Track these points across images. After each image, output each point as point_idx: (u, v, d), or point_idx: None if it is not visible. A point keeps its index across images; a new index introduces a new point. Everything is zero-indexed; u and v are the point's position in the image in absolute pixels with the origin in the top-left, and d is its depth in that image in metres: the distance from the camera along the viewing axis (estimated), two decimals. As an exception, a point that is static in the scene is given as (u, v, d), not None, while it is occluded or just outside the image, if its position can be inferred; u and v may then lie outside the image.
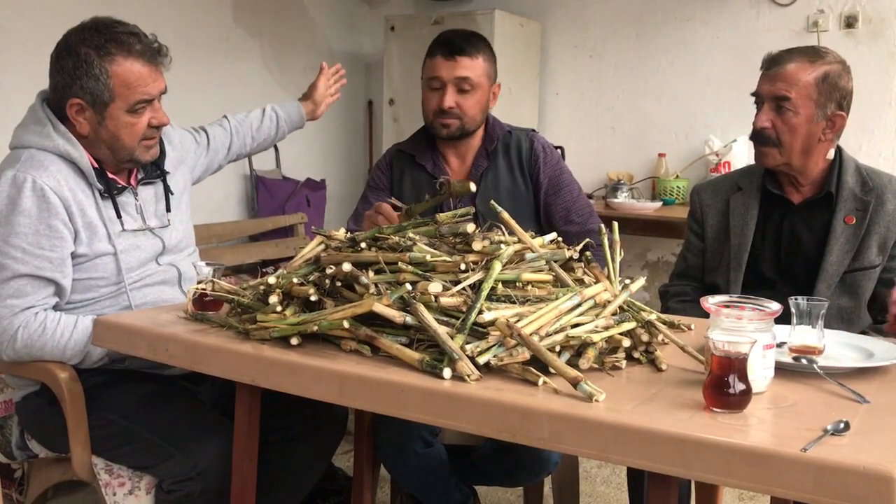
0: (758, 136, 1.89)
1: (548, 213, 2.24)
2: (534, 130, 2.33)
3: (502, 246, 1.43)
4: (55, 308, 1.75)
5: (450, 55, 2.17)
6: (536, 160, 2.25)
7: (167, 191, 1.96)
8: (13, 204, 1.70)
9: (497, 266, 1.37)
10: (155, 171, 1.94)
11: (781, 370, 1.32)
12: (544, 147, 2.28)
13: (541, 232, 2.12)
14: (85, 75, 1.73)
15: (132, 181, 1.90)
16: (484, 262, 1.40)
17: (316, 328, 1.39)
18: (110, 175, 1.84)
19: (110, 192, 1.82)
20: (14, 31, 3.05)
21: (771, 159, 1.90)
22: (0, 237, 1.70)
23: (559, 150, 3.83)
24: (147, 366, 1.80)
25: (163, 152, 1.97)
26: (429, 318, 1.31)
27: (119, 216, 1.83)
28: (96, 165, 1.81)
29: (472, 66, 2.17)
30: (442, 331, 1.30)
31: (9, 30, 3.05)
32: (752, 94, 1.93)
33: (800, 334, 1.40)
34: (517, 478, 2.15)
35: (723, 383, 1.15)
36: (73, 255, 1.76)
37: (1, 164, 1.79)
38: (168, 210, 1.95)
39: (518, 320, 1.29)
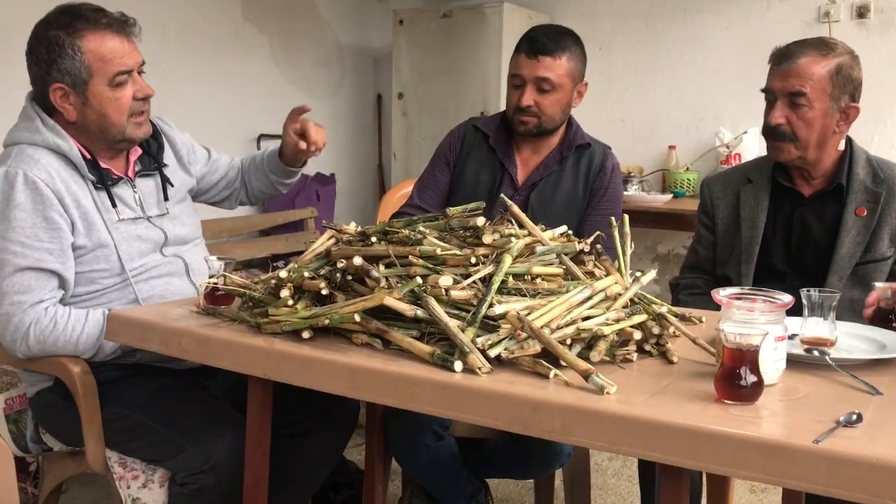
0: (773, 132, 1.88)
1: (586, 218, 2.23)
2: (609, 147, 2.32)
3: (513, 239, 1.43)
4: (61, 302, 1.76)
5: (532, 54, 2.15)
6: (602, 176, 2.24)
7: (164, 181, 1.96)
8: (7, 199, 1.70)
9: (508, 259, 1.37)
10: (152, 163, 1.95)
11: (793, 362, 1.32)
12: (614, 167, 2.27)
13: (578, 236, 2.14)
14: (59, 58, 1.73)
15: (130, 173, 1.90)
16: (494, 256, 1.40)
17: (327, 322, 1.40)
18: (104, 165, 1.84)
19: (104, 182, 1.82)
20: (19, 31, 3.06)
21: (786, 154, 1.89)
22: None
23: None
24: (159, 359, 1.81)
25: (161, 146, 1.98)
26: (439, 311, 1.31)
27: (114, 205, 1.83)
28: (88, 156, 1.81)
29: (553, 67, 2.15)
30: (453, 324, 1.30)
31: (13, 29, 3.05)
32: (763, 90, 1.92)
33: (811, 326, 1.39)
34: (528, 470, 2.16)
35: (734, 375, 1.15)
36: (74, 248, 1.76)
37: None
38: (166, 199, 1.95)
39: (529, 313, 1.29)
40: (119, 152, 1.89)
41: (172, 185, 1.98)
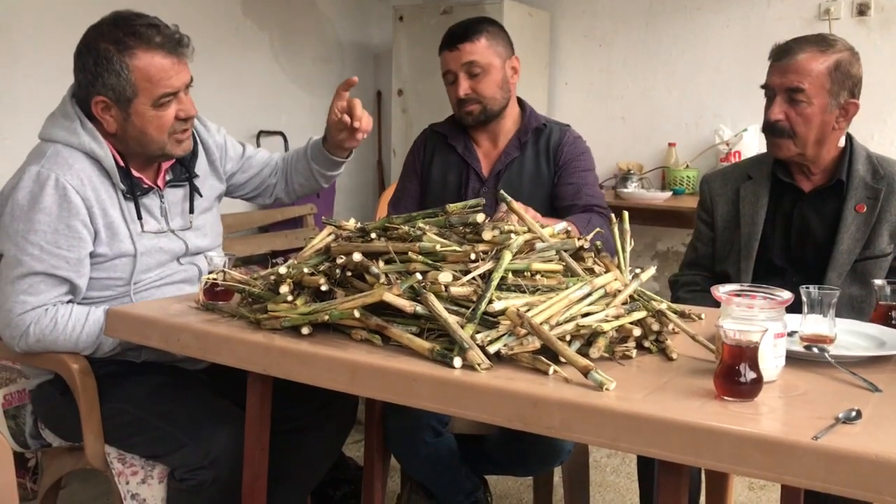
0: (772, 129, 1.88)
1: (559, 190, 2.24)
2: (568, 125, 2.34)
3: (512, 236, 1.43)
4: (68, 303, 1.76)
5: (451, 45, 2.21)
6: (563, 147, 2.26)
7: (193, 192, 1.93)
8: (35, 200, 1.69)
9: (507, 256, 1.37)
10: (183, 173, 1.92)
11: (792, 359, 1.32)
12: (576, 139, 2.29)
13: (551, 213, 2.14)
14: (105, 72, 1.71)
15: (159, 183, 1.88)
16: (494, 252, 1.40)
17: (327, 318, 1.40)
18: (135, 174, 1.82)
19: (133, 192, 1.80)
20: (24, 24, 3.06)
21: (785, 150, 1.89)
22: (19, 232, 1.70)
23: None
24: (167, 359, 1.81)
25: (195, 153, 1.95)
26: (439, 307, 1.31)
27: (140, 217, 1.81)
28: (122, 164, 1.79)
29: (474, 50, 2.19)
30: (452, 320, 1.30)
31: (19, 22, 3.05)
32: (763, 87, 1.92)
33: (811, 323, 1.39)
34: (528, 467, 2.16)
35: (734, 372, 1.15)
36: (93, 255, 1.75)
37: (28, 156, 1.79)
38: (191, 211, 1.93)
39: (528, 310, 1.29)
40: (148, 169, 1.87)
41: (201, 196, 1.95)
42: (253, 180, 2.16)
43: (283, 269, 1.51)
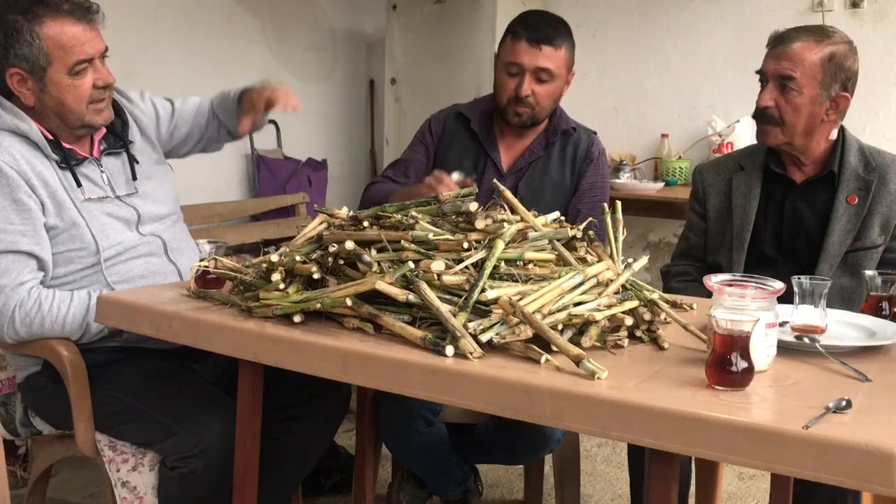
0: (761, 115, 1.89)
1: (571, 207, 2.22)
2: (595, 132, 2.30)
3: (505, 225, 1.42)
4: (43, 284, 1.75)
5: (535, 43, 2.09)
6: (589, 163, 2.22)
7: (132, 160, 1.93)
8: None
9: (500, 245, 1.37)
10: (118, 141, 1.92)
11: (784, 349, 1.32)
12: (601, 153, 2.25)
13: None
14: (17, 43, 1.70)
15: (95, 153, 1.88)
16: (487, 241, 1.40)
17: (319, 306, 1.39)
18: (67, 146, 1.82)
19: (67, 161, 1.79)
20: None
21: (773, 138, 1.89)
22: None
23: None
24: (144, 340, 1.80)
25: (126, 123, 1.95)
26: (431, 296, 1.31)
27: (79, 185, 1.80)
28: (50, 137, 1.79)
29: (554, 57, 2.11)
30: (444, 309, 1.30)
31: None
32: (757, 72, 1.92)
33: (802, 313, 1.40)
34: (518, 455, 2.17)
35: (725, 361, 1.16)
36: (47, 228, 1.74)
37: None
38: (135, 178, 1.92)
39: (521, 298, 1.30)
40: (80, 137, 1.86)
41: (139, 163, 1.95)
42: (193, 132, 2.14)
43: (274, 257, 1.51)
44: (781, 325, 1.34)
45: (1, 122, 1.75)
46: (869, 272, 1.61)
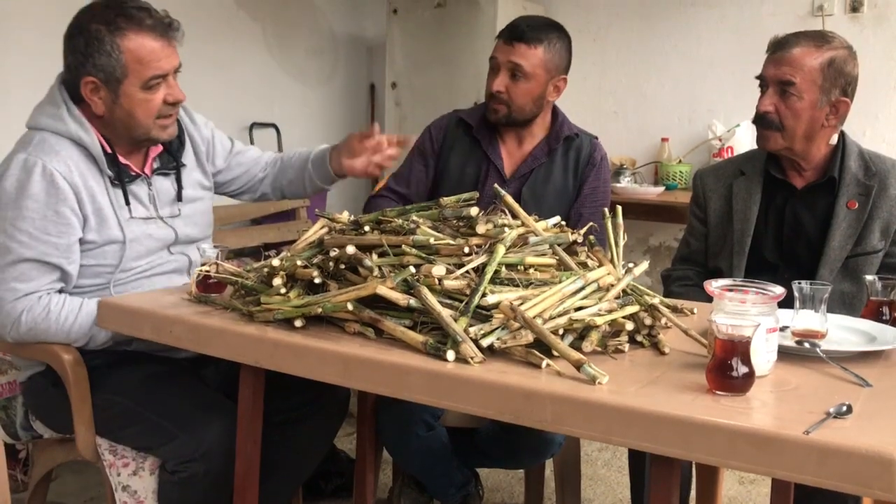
0: (761, 120, 1.89)
1: (573, 212, 2.23)
2: (596, 137, 2.31)
3: (506, 229, 1.43)
4: (60, 292, 1.75)
5: (509, 39, 2.14)
6: (591, 168, 2.23)
7: (180, 181, 1.93)
8: (22, 188, 1.69)
9: (501, 249, 1.37)
10: (171, 161, 1.92)
11: (784, 354, 1.32)
12: (603, 158, 2.27)
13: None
14: (96, 52, 1.71)
15: (147, 170, 1.88)
16: (487, 246, 1.40)
17: (320, 310, 1.40)
18: (122, 161, 1.82)
19: (121, 178, 1.80)
20: (16, 14, 3.04)
21: (773, 143, 1.90)
22: (8, 220, 1.69)
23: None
24: (153, 348, 1.80)
25: (182, 143, 1.96)
26: (432, 300, 1.31)
27: (127, 203, 1.81)
28: (109, 150, 1.79)
29: (527, 55, 2.13)
30: (445, 313, 1.30)
31: (10, 12, 3.03)
32: (757, 77, 1.92)
33: (803, 318, 1.40)
34: (519, 460, 2.17)
35: (726, 366, 1.16)
36: (82, 242, 1.75)
37: (15, 144, 1.78)
38: (180, 199, 1.93)
39: (521, 303, 1.30)
40: (140, 148, 1.87)
41: (186, 186, 1.95)
42: (241, 178, 2.15)
43: (276, 262, 1.51)
44: (782, 329, 1.34)
45: (66, 129, 1.75)
46: (869, 277, 1.61)
